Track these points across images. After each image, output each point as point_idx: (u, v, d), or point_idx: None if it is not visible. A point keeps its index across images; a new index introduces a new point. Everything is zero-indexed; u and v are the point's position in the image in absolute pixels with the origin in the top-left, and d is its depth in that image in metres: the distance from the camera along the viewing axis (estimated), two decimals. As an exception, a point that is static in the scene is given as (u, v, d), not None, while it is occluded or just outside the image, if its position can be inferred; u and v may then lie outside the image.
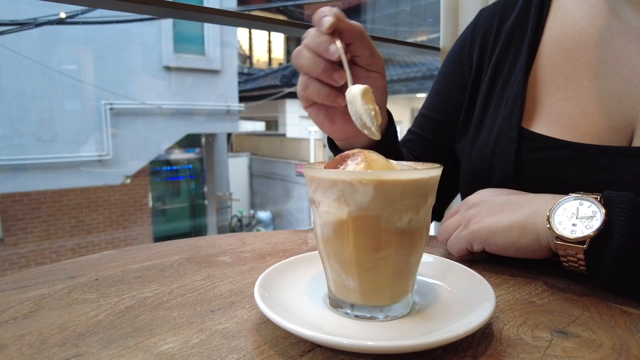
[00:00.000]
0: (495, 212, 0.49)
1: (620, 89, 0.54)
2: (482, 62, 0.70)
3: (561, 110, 0.58)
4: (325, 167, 0.37)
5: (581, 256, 0.42)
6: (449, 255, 0.54)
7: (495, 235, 0.48)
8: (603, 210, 0.41)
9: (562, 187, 0.50)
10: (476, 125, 0.68)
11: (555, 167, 0.56)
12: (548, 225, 0.43)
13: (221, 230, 7.03)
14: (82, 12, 4.57)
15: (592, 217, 0.42)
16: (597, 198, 0.43)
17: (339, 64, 0.48)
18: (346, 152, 0.37)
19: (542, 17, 0.64)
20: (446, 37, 1.43)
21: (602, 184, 0.52)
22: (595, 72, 0.56)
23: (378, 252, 0.35)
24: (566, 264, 0.44)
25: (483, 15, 0.74)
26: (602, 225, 0.41)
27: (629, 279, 0.41)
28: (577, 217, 0.42)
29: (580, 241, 0.41)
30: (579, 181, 0.54)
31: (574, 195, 0.44)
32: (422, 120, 0.78)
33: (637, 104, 0.53)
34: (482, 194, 0.55)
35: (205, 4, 5.48)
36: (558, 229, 0.43)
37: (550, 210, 0.44)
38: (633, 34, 0.55)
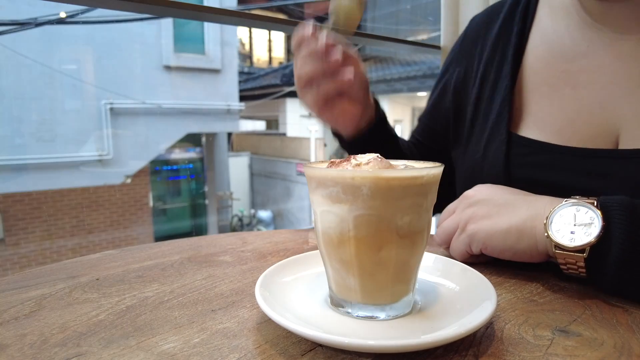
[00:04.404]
0: (493, 214, 0.49)
1: (602, 96, 0.55)
2: (470, 71, 0.72)
3: (546, 117, 0.59)
4: (326, 167, 0.37)
5: (582, 264, 0.42)
6: (449, 254, 0.54)
7: (492, 239, 0.48)
8: (601, 216, 0.41)
9: (553, 189, 0.50)
10: (468, 131, 0.69)
11: (544, 170, 0.57)
12: (546, 234, 0.43)
13: (222, 229, 7.04)
14: (82, 12, 4.57)
15: (590, 223, 0.41)
16: (593, 203, 0.42)
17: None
18: (348, 156, 0.37)
19: (525, 25, 0.65)
20: (447, 36, 1.43)
21: (592, 186, 0.52)
22: (576, 80, 0.57)
23: (379, 252, 0.35)
24: (566, 271, 0.44)
25: (472, 23, 0.76)
26: (600, 231, 0.40)
27: (630, 284, 0.40)
28: (574, 224, 0.42)
29: (580, 249, 0.41)
30: (568, 184, 0.54)
31: (570, 200, 0.44)
32: (420, 126, 0.82)
33: (619, 110, 0.53)
34: (481, 191, 0.55)
35: (206, 3, 5.47)
36: (556, 238, 0.42)
37: (547, 218, 0.44)
38: (607, 44, 0.56)
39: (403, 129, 9.99)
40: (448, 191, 0.80)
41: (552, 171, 0.56)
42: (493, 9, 0.73)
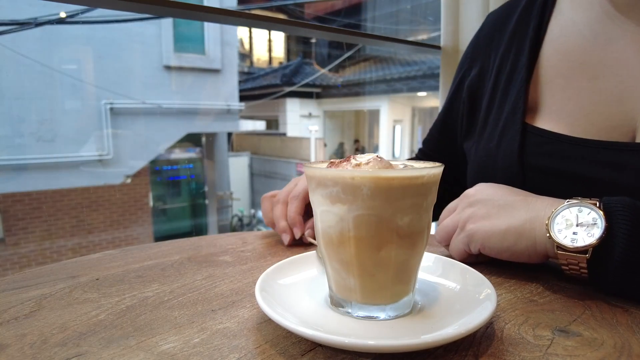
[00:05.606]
0: (492, 215, 0.49)
1: (620, 89, 0.54)
2: (486, 66, 0.72)
3: (562, 109, 0.59)
4: (326, 167, 0.37)
5: (584, 265, 0.42)
6: (449, 254, 0.54)
7: (490, 239, 0.48)
8: (603, 217, 0.41)
9: (567, 179, 0.50)
10: (482, 122, 0.69)
11: (558, 160, 0.57)
12: (548, 235, 0.43)
13: (222, 229, 7.03)
14: (82, 12, 4.57)
15: (593, 224, 0.41)
16: (595, 204, 0.42)
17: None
18: (348, 155, 0.37)
19: (543, 19, 0.65)
20: (447, 36, 1.43)
21: (607, 177, 0.52)
22: (594, 73, 0.57)
23: (379, 252, 0.35)
24: (567, 272, 0.44)
25: (489, 19, 0.76)
26: (603, 233, 0.40)
27: (632, 285, 0.40)
28: (577, 224, 0.42)
29: (582, 250, 0.41)
30: (583, 174, 0.54)
31: (571, 201, 0.44)
32: (438, 122, 0.83)
33: (637, 104, 0.53)
34: (481, 191, 0.55)
35: (206, 3, 5.47)
36: (558, 238, 0.42)
37: (548, 219, 0.44)
38: (628, 37, 0.55)
39: (403, 129, 9.99)
40: (459, 189, 0.81)
41: (566, 161, 0.56)
42: (510, 3, 0.73)
